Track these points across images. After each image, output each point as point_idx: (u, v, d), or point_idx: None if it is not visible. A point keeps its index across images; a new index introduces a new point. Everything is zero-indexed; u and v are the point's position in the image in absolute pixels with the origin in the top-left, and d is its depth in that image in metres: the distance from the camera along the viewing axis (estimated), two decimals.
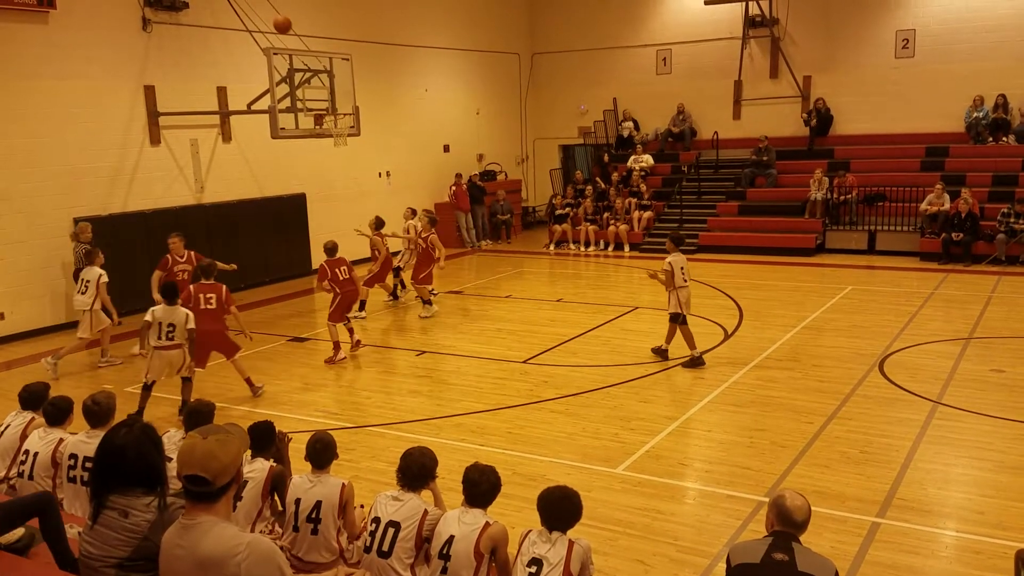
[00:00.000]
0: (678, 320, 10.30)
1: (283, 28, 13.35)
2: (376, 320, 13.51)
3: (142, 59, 14.50)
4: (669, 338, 10.56)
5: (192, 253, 11.95)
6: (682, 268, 10.25)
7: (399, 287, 15.09)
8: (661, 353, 10.67)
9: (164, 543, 2.99)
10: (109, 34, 13.99)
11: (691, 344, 10.29)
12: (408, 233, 15.01)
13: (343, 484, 4.91)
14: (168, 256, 11.83)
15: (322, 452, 4.99)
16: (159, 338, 8.81)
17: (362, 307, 13.67)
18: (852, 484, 6.85)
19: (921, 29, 19.49)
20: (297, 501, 4.87)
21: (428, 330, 12.91)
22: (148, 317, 8.88)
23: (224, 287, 9.68)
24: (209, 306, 9.43)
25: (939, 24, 19.28)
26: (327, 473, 4.98)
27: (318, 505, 4.82)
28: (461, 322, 13.46)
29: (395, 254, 15.16)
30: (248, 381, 9.77)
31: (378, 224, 14.20)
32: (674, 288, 10.21)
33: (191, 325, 8.78)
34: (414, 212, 15.29)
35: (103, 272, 11.29)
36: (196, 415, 5.34)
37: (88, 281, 11.21)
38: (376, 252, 14.07)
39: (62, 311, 13.51)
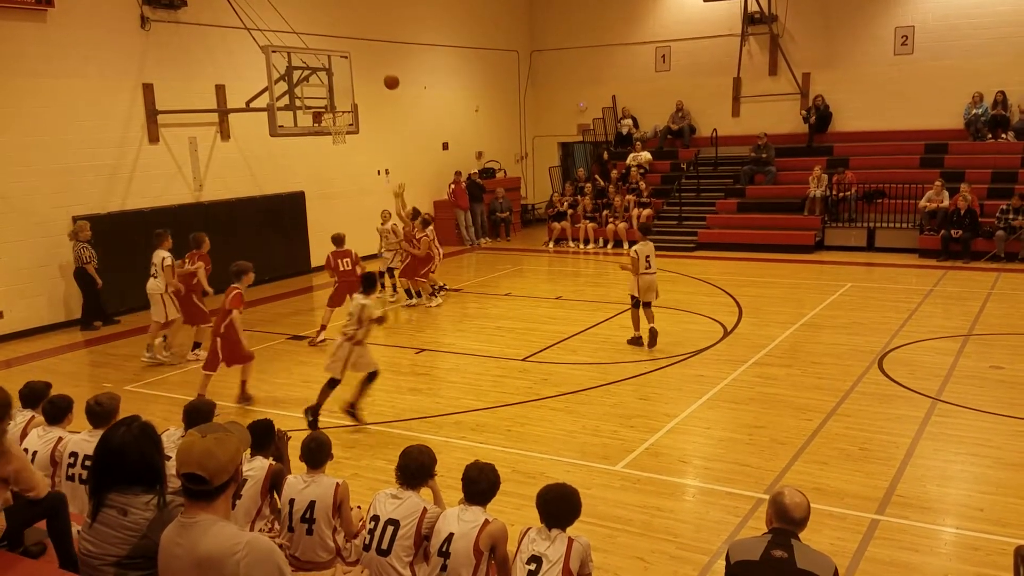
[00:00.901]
0: (635, 304, 11.11)
1: (392, 85, 14.11)
2: None
3: (140, 57, 14.48)
4: (636, 324, 11.24)
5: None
6: (647, 256, 10.93)
7: (392, 288, 15.04)
8: (635, 341, 11.23)
9: (163, 541, 2.99)
10: (107, 32, 13.97)
11: (635, 326, 11.20)
12: (392, 232, 14.69)
13: (337, 484, 4.90)
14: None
15: (316, 452, 4.99)
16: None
17: (434, 292, 14.35)
18: (851, 481, 6.86)
19: (920, 26, 19.48)
20: (291, 501, 4.88)
21: (427, 328, 12.90)
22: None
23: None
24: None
25: (938, 21, 19.28)
26: (321, 473, 4.98)
27: (312, 505, 4.82)
28: (460, 320, 13.46)
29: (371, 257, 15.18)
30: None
31: (414, 215, 14.41)
32: (637, 274, 10.84)
33: (362, 317, 8.43)
34: (417, 213, 14.98)
35: (167, 254, 11.31)
36: (195, 413, 5.33)
37: (155, 264, 11.32)
38: (414, 243, 14.09)
39: (60, 310, 13.52)
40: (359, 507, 5.33)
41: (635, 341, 11.19)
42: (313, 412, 8.48)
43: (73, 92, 13.52)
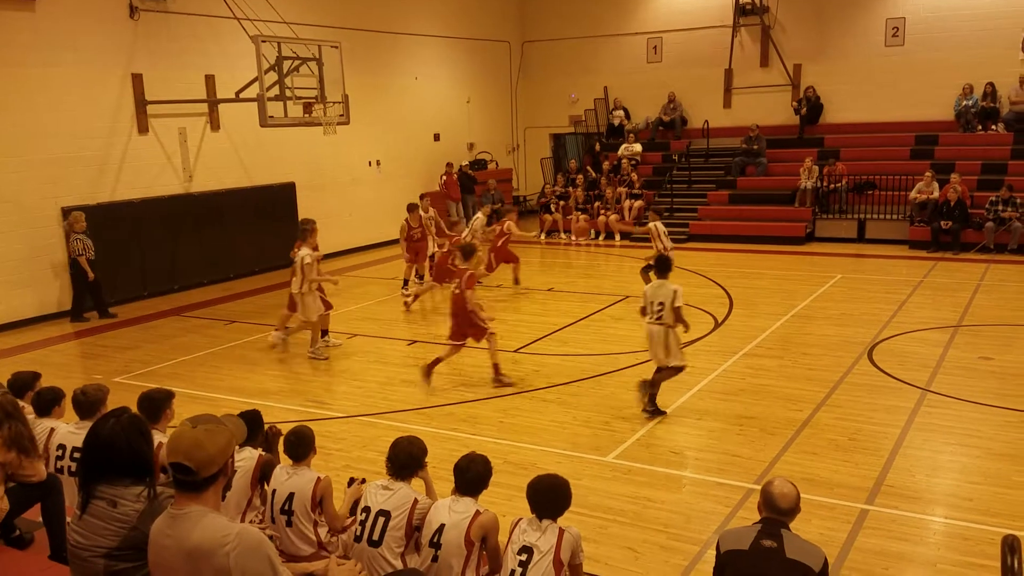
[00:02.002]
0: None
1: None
2: (367, 310, 13.48)
3: (129, 47, 14.38)
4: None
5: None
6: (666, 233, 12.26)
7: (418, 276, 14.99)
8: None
9: (152, 533, 2.98)
10: (96, 22, 13.87)
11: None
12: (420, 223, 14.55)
13: (318, 478, 4.87)
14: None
15: (296, 445, 4.97)
16: (649, 317, 8.30)
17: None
18: (841, 471, 6.89)
19: (911, 17, 19.51)
20: (273, 492, 4.88)
21: (419, 319, 12.89)
22: (643, 298, 8.31)
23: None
24: (455, 290, 9.52)
25: (929, 12, 19.31)
26: (305, 466, 4.96)
27: (291, 497, 4.81)
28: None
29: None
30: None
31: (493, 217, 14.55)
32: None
33: (678, 303, 8.15)
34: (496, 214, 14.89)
35: (308, 252, 10.52)
36: (149, 402, 5.31)
37: (296, 263, 10.64)
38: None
39: (50, 302, 13.45)
40: (364, 479, 5.25)
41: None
42: (651, 400, 8.37)
43: (61, 82, 13.42)
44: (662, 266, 8.52)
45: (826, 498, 6.38)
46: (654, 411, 8.30)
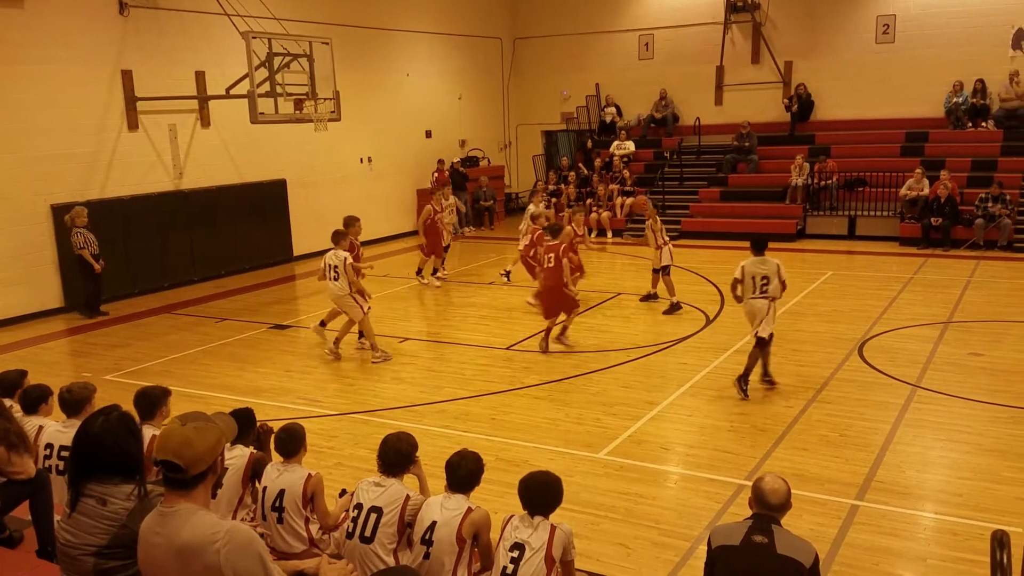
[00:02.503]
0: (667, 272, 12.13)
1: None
2: None
3: (119, 43, 14.31)
4: (671, 290, 12.22)
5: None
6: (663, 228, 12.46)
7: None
8: (675, 308, 12.12)
9: (142, 530, 2.97)
10: (85, 18, 13.79)
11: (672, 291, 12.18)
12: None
13: (309, 475, 4.86)
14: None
15: (286, 442, 4.96)
16: (752, 292, 8.68)
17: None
18: (832, 467, 6.91)
19: (901, 14, 19.57)
20: (264, 489, 4.87)
21: (411, 317, 12.87)
22: (738, 274, 8.74)
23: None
24: (549, 264, 10.34)
25: (919, 9, 19.37)
26: (296, 463, 4.95)
27: (281, 494, 4.80)
28: (444, 308, 13.45)
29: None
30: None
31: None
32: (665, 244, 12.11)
33: (783, 276, 8.70)
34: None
35: (348, 254, 10.20)
36: (145, 399, 5.30)
37: (335, 267, 10.18)
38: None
39: (40, 299, 13.38)
40: (346, 491, 5.29)
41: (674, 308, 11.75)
42: (759, 380, 8.85)
43: (51, 79, 13.34)
44: (759, 243, 9.02)
45: (817, 494, 6.40)
46: (771, 381, 8.84)
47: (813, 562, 3.65)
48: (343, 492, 5.40)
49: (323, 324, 10.92)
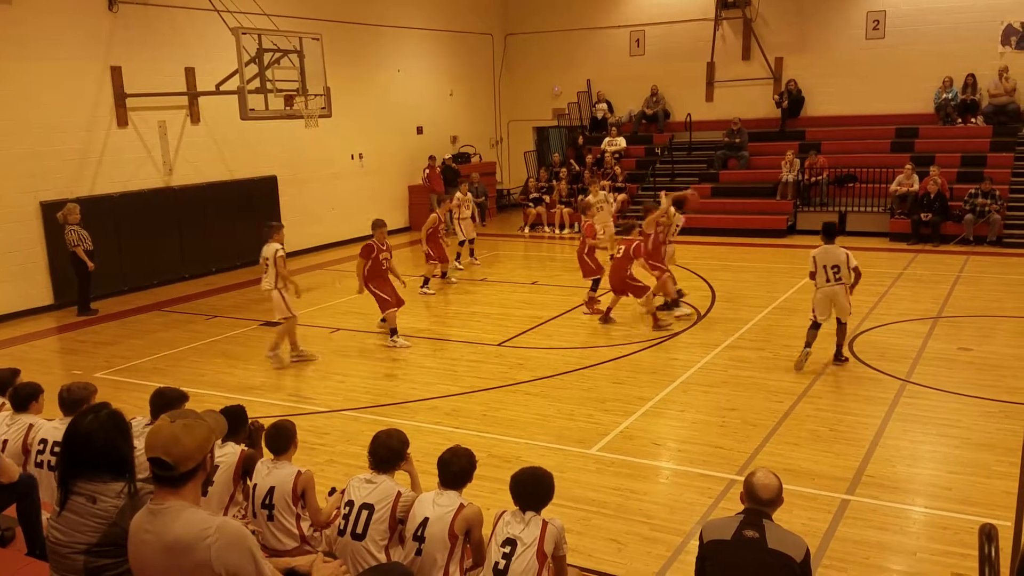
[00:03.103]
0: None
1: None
2: (350, 304, 13.42)
3: (108, 40, 14.23)
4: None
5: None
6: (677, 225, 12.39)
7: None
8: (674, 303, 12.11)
9: (132, 528, 2.96)
10: (74, 14, 13.71)
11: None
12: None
13: (298, 472, 4.85)
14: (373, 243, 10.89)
15: (276, 439, 4.95)
16: (826, 280, 9.20)
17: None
18: (822, 462, 6.94)
19: (891, 10, 19.61)
20: (254, 486, 4.86)
21: (403, 314, 12.84)
22: (810, 264, 9.30)
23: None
24: (618, 255, 11.32)
25: (909, 5, 19.42)
26: (286, 460, 4.94)
27: (271, 491, 4.79)
28: (436, 305, 13.44)
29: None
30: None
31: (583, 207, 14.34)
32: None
33: (853, 264, 9.14)
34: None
35: (280, 246, 10.06)
36: (160, 397, 5.28)
37: (266, 259, 10.04)
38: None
39: (29, 297, 13.32)
40: (336, 489, 5.30)
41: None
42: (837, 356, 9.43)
43: (40, 75, 13.26)
44: (829, 231, 9.39)
45: (807, 488, 6.43)
46: (843, 359, 9.42)
47: (804, 556, 3.66)
48: (332, 491, 5.39)
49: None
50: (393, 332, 10.89)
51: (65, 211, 12.76)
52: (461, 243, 16.23)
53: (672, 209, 11.98)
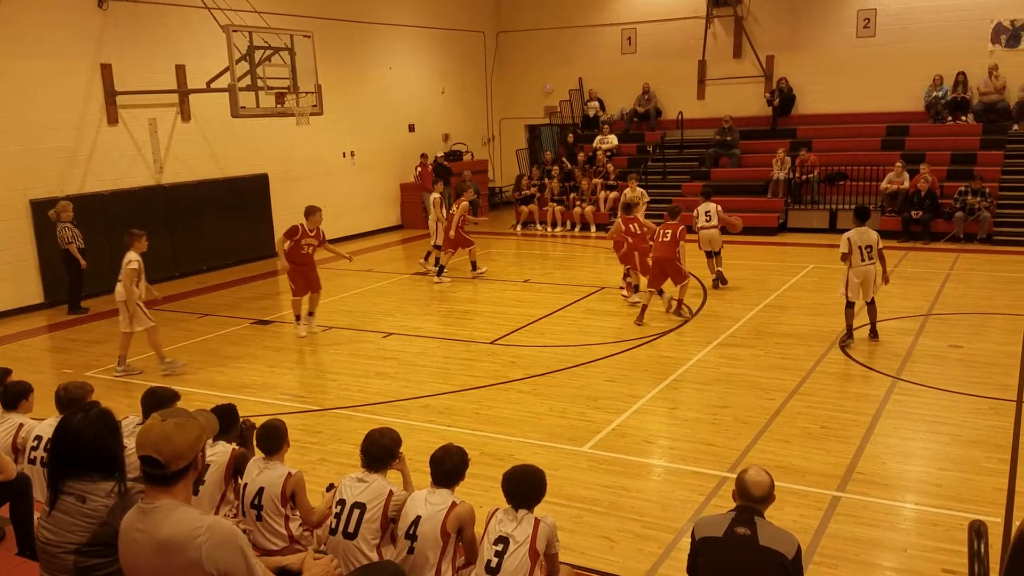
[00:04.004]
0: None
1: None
2: (342, 302, 13.40)
3: (98, 37, 14.17)
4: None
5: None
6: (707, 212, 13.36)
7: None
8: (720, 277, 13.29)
9: (123, 527, 2.95)
10: (64, 11, 13.64)
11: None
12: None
13: (288, 473, 4.83)
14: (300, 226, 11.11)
15: (267, 439, 4.92)
16: (861, 260, 9.82)
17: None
18: (813, 459, 6.96)
19: (882, 9, 19.67)
20: (244, 486, 4.85)
21: (395, 312, 12.85)
22: (844, 246, 9.79)
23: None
24: (664, 239, 11.51)
25: (899, 3, 19.48)
26: (277, 461, 4.92)
27: (260, 492, 4.78)
28: (428, 303, 13.43)
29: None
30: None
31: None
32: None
33: (880, 246, 9.89)
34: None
35: (135, 258, 9.66)
36: (152, 396, 5.26)
37: (121, 268, 9.71)
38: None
39: (20, 295, 13.26)
40: (332, 485, 5.27)
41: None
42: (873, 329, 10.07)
43: (29, 72, 13.20)
44: (861, 213, 10.03)
45: (798, 486, 6.45)
46: (876, 335, 10.04)
47: (795, 553, 3.67)
48: (331, 486, 5.36)
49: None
50: (298, 319, 11.37)
51: (58, 208, 12.70)
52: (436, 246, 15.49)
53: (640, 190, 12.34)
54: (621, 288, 12.97)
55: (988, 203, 16.63)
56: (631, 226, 12.14)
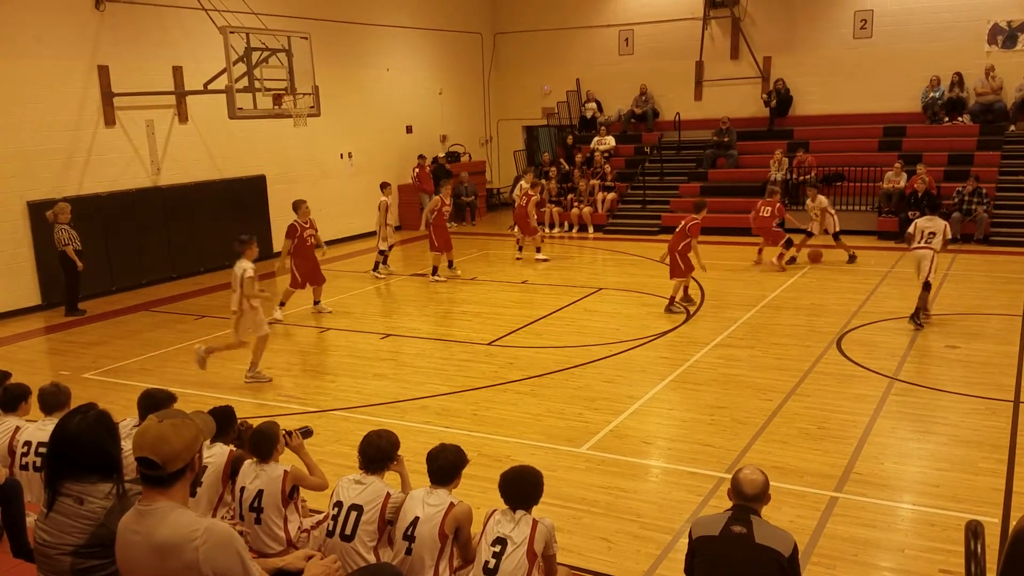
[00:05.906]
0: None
1: None
2: (339, 304, 13.40)
3: (95, 38, 14.15)
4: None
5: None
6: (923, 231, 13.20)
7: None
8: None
9: (120, 528, 2.94)
10: (61, 12, 13.63)
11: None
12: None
13: (285, 472, 4.84)
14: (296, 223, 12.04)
15: (260, 443, 4.91)
16: (918, 241, 10.81)
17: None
18: (810, 459, 6.97)
19: (879, 10, 19.69)
20: (241, 490, 4.84)
21: (392, 313, 12.85)
22: (910, 228, 10.91)
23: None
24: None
25: (896, 4, 19.50)
26: (272, 463, 4.92)
27: (259, 495, 4.78)
28: (426, 304, 13.42)
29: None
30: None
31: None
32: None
33: (948, 235, 10.88)
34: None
35: (249, 266, 9.22)
36: (148, 398, 5.26)
37: (234, 278, 9.33)
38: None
39: (16, 297, 13.24)
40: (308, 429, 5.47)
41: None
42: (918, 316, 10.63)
43: (26, 74, 13.18)
44: (933, 204, 11.55)
45: (796, 486, 6.46)
46: (920, 322, 10.57)
47: (792, 551, 3.68)
48: (306, 429, 5.39)
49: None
50: (281, 304, 12.06)
51: (56, 210, 12.69)
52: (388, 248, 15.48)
53: None
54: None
55: (985, 204, 16.64)
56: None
